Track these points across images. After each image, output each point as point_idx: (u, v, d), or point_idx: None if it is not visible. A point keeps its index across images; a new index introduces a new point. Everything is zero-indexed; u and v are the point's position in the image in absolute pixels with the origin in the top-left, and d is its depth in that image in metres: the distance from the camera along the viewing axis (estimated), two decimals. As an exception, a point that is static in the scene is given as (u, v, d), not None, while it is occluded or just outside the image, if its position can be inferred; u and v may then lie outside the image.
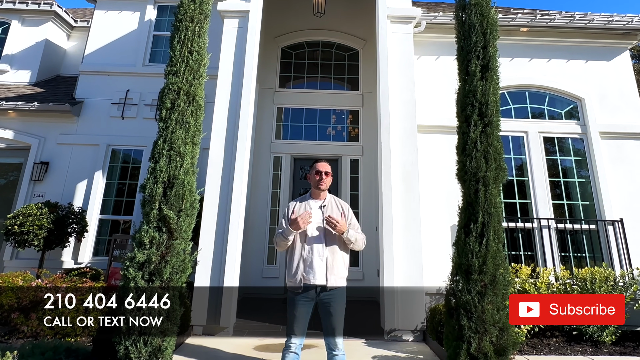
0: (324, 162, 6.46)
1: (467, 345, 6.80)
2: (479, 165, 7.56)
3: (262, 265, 14.49)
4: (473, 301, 6.95)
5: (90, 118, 15.08)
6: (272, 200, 15.14)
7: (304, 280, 5.97)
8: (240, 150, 10.44)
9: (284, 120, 15.92)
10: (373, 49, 13.69)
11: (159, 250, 7.21)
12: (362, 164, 15.40)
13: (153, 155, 7.79)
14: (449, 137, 10.28)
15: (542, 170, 12.50)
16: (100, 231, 14.27)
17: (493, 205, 7.40)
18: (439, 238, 11.40)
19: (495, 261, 7.14)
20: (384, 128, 10.68)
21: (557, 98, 13.43)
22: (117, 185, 14.71)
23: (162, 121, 7.99)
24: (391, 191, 10.19)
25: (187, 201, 7.59)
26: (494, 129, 7.84)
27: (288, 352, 5.93)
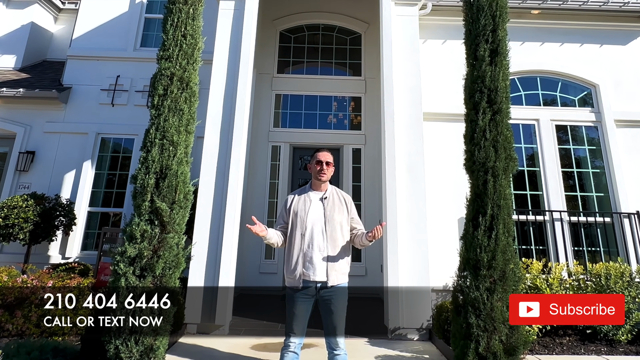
0: (325, 152, 6.42)
1: (476, 344, 6.79)
2: (488, 155, 7.52)
3: (259, 260, 14.49)
4: (482, 298, 6.93)
5: (79, 105, 15.06)
6: (270, 191, 15.13)
7: (304, 277, 5.93)
8: (236, 139, 10.42)
9: (282, 108, 15.89)
10: (376, 33, 13.65)
11: (151, 245, 7.17)
12: (364, 154, 15.37)
13: (145, 144, 7.74)
14: (457, 125, 10.25)
15: (554, 160, 12.46)
16: (89, 224, 14.27)
17: (502, 197, 7.37)
18: (446, 231, 11.38)
19: (505, 256, 7.13)
20: (388, 116, 10.65)
21: (570, 84, 13.39)
22: (107, 176, 14.70)
23: (154, 108, 7.94)
24: (395, 182, 10.17)
25: (180, 193, 7.56)
26: (504, 116, 7.81)
27: (287, 352, 5.90)
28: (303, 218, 6.12)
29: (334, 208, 6.20)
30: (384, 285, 9.81)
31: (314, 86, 15.98)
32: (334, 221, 6.12)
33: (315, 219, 6.13)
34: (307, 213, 6.15)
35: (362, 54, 16.49)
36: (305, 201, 6.24)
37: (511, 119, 8.03)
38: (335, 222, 6.12)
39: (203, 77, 9.58)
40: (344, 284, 6.07)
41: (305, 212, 6.16)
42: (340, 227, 6.14)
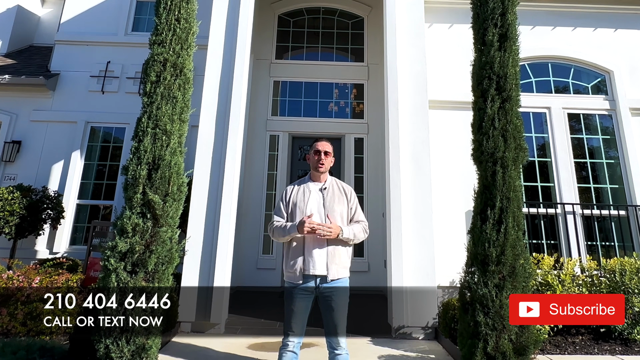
0: (324, 141, 6.41)
1: (484, 343, 6.77)
2: (497, 145, 7.50)
3: (256, 255, 14.50)
4: (490, 295, 6.92)
5: (67, 92, 15.01)
6: (268, 183, 15.13)
7: (303, 271, 5.90)
8: (232, 128, 10.39)
9: (281, 95, 15.88)
10: (380, 16, 13.53)
11: (143, 239, 7.14)
12: (367, 143, 15.37)
13: (136, 133, 7.70)
14: (464, 114, 10.21)
15: (567, 151, 12.41)
16: (78, 217, 14.27)
17: (512, 189, 7.35)
18: (453, 225, 11.33)
19: (515, 251, 7.11)
20: (391, 103, 10.63)
21: (583, 70, 13.35)
22: (97, 166, 14.68)
23: (146, 96, 7.91)
24: (400, 173, 10.15)
25: (174, 184, 7.53)
26: (514, 104, 7.78)
27: (285, 351, 5.90)
28: (302, 209, 6.11)
29: (334, 198, 6.20)
30: (388, 282, 9.79)
31: (314, 73, 15.96)
32: (334, 212, 6.10)
33: (315, 210, 6.10)
34: (306, 204, 6.14)
35: (364, 39, 16.46)
36: (305, 192, 6.23)
37: (521, 107, 7.99)
38: (335, 213, 6.11)
39: (198, 63, 9.53)
40: (345, 278, 6.05)
41: (304, 203, 6.15)
42: (341, 219, 6.13)
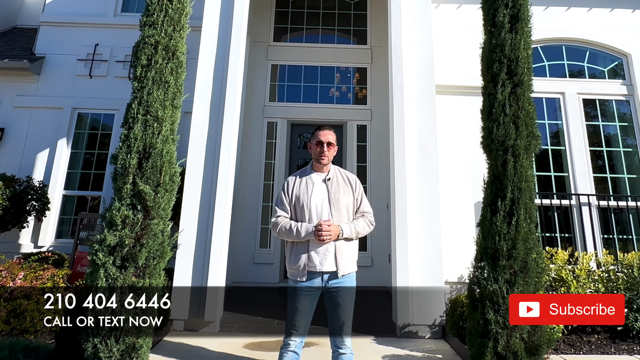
0: (327, 130, 6.35)
1: (494, 342, 6.76)
2: (508, 132, 7.48)
3: (253, 249, 14.49)
4: (501, 291, 6.90)
5: (53, 77, 14.96)
6: (266, 173, 15.11)
7: (309, 267, 5.89)
8: (228, 114, 10.38)
9: (279, 80, 15.84)
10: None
11: (133, 232, 7.12)
12: (370, 131, 15.34)
13: (126, 120, 7.67)
14: (473, 99, 10.21)
15: (582, 138, 12.39)
16: (64, 209, 14.24)
17: (524, 179, 7.33)
18: (461, 217, 11.34)
19: (527, 244, 7.09)
20: (396, 88, 10.59)
21: (599, 54, 13.32)
22: (84, 155, 14.65)
23: (136, 80, 7.87)
24: (405, 162, 10.12)
25: (166, 174, 7.51)
26: (525, 89, 7.75)
27: (287, 351, 5.90)
28: (306, 202, 6.09)
29: (339, 190, 6.18)
30: (392, 277, 9.79)
31: (315, 56, 15.91)
32: (339, 204, 6.09)
33: (319, 203, 6.09)
34: (309, 196, 6.12)
35: (367, 20, 16.41)
36: (307, 183, 6.21)
37: (533, 92, 7.96)
38: (341, 205, 6.10)
39: (191, 45, 9.52)
40: (353, 273, 6.06)
41: (307, 196, 6.12)
42: (347, 210, 6.13)
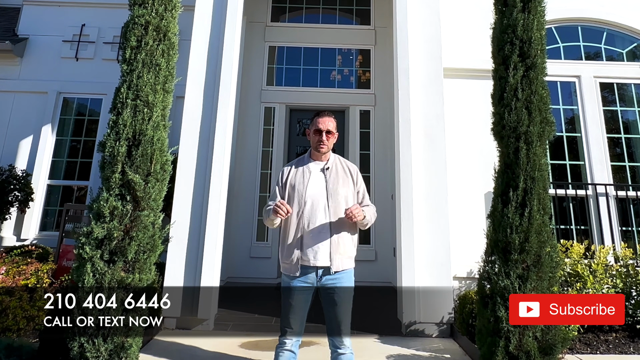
0: (326, 117, 6.29)
1: (505, 341, 6.74)
2: (520, 118, 7.45)
3: (250, 243, 14.50)
4: (513, 287, 6.88)
5: (37, 59, 14.92)
6: (263, 161, 15.08)
7: (302, 262, 5.88)
8: (223, 99, 10.34)
9: (277, 63, 15.81)
10: (388, -27, 13.54)
11: (122, 224, 7.10)
12: (374, 116, 15.32)
13: (115, 105, 7.63)
14: (483, 83, 10.21)
15: (599, 124, 12.34)
16: (49, 200, 14.23)
17: (537, 168, 7.30)
18: (471, 208, 11.30)
19: (540, 237, 7.08)
20: (401, 72, 10.56)
21: (617, 34, 13.28)
22: (70, 142, 14.63)
23: (125, 63, 7.82)
24: (411, 150, 10.09)
25: (156, 163, 7.47)
26: (539, 72, 7.71)
27: (282, 350, 5.89)
28: (301, 192, 6.05)
29: (338, 180, 6.14)
30: (397, 272, 9.78)
31: (315, 37, 15.88)
32: (337, 195, 6.05)
33: (316, 193, 6.05)
34: (305, 186, 6.08)
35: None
36: (304, 173, 6.17)
37: (547, 75, 7.91)
38: (339, 196, 6.05)
39: (184, 26, 9.48)
40: (350, 269, 6.03)
41: (303, 186, 6.09)
42: (346, 203, 6.07)
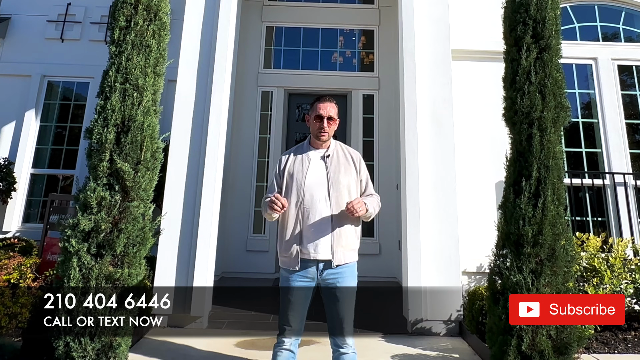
0: (327, 102, 6.24)
1: (518, 340, 6.72)
2: (533, 103, 7.41)
3: (246, 235, 14.48)
4: (525, 282, 6.86)
5: (19, 40, 14.89)
6: (260, 149, 15.05)
7: (302, 255, 5.85)
8: (217, 82, 10.32)
9: (275, 44, 15.78)
10: (393, -52, 13.50)
11: (110, 215, 7.08)
12: (378, 101, 15.30)
13: (102, 89, 7.60)
14: (494, 66, 10.18)
15: (617, 110, 12.31)
16: (32, 190, 14.23)
17: (552, 156, 7.27)
18: (481, 199, 11.25)
19: (555, 229, 7.05)
20: (407, 53, 10.54)
21: (636, 14, 13.26)
22: (55, 129, 14.61)
23: (114, 44, 7.80)
24: (417, 137, 10.07)
25: (147, 150, 7.46)
26: (553, 54, 7.67)
27: (281, 350, 5.87)
28: (300, 181, 6.02)
29: (339, 168, 6.10)
30: (402, 267, 9.78)
31: (315, 17, 15.82)
32: (339, 184, 6.02)
33: (316, 183, 6.02)
34: (305, 175, 6.04)
35: (375, -24, 16.29)
36: (303, 160, 6.14)
37: (562, 57, 7.87)
38: (341, 185, 6.02)
39: (175, 5, 9.49)
40: (353, 263, 6.02)
41: (302, 174, 6.05)
42: (348, 192, 6.05)
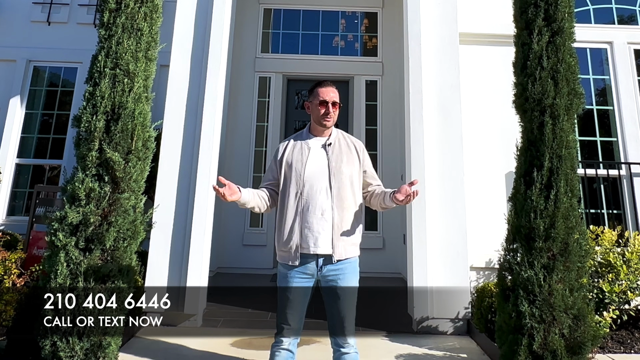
0: (329, 86, 6.17)
1: (529, 339, 6.70)
2: (545, 89, 7.39)
3: (242, 229, 14.49)
4: (537, 278, 6.84)
5: (4, 23, 14.86)
6: (257, 137, 15.06)
7: (301, 249, 5.80)
8: (212, 68, 10.30)
9: (273, 27, 15.75)
10: None
11: (99, 208, 7.07)
12: (382, 88, 15.28)
13: (91, 75, 7.59)
14: (504, 50, 10.16)
15: (633, 96, 12.28)
16: (17, 181, 14.24)
17: (564, 145, 7.24)
18: (490, 190, 11.20)
19: (568, 223, 7.04)
20: (412, 37, 10.51)
21: (655, -5, 13.26)
22: (42, 116, 14.61)
23: (103, 28, 7.77)
24: (423, 125, 10.06)
25: (138, 139, 7.45)
26: (566, 38, 7.64)
27: (279, 349, 5.85)
28: (299, 171, 5.95)
29: (341, 157, 6.04)
30: (407, 262, 9.79)
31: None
32: (341, 175, 5.96)
33: (316, 173, 5.95)
34: (304, 164, 5.98)
35: (378, -45, 16.25)
36: (302, 149, 6.08)
37: (576, 41, 7.83)
38: (343, 175, 5.96)
39: (168, -14, 9.48)
40: (355, 258, 5.99)
41: (302, 164, 5.98)
42: (350, 183, 6.00)
